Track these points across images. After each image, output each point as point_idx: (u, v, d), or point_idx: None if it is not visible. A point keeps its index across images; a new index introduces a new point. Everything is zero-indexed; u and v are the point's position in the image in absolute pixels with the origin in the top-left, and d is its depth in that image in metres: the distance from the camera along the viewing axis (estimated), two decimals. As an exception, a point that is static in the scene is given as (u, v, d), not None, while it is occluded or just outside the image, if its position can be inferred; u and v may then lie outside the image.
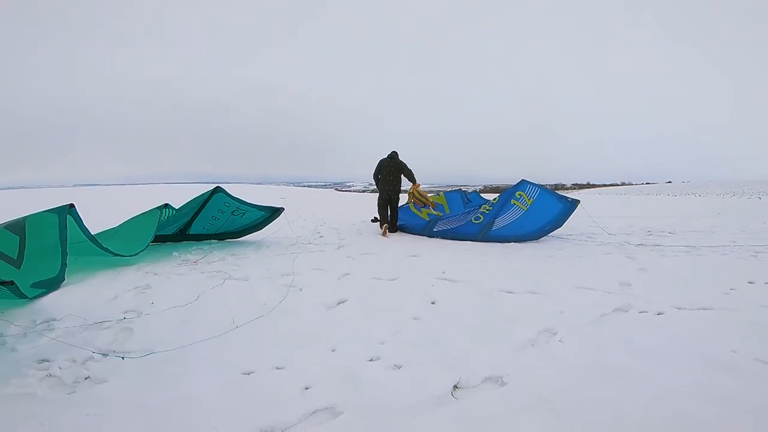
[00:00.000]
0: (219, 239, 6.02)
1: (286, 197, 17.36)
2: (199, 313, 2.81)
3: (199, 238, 5.97)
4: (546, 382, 1.80)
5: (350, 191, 41.78)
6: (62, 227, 3.61)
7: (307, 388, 1.76)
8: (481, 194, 8.30)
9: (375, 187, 6.98)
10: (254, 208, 5.59)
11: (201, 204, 5.27)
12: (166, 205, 4.76)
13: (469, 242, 5.74)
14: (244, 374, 1.91)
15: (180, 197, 8.81)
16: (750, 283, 3.57)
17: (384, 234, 6.46)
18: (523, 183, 6.15)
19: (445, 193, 7.80)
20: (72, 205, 3.92)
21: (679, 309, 2.85)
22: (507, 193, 6.09)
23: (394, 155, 6.80)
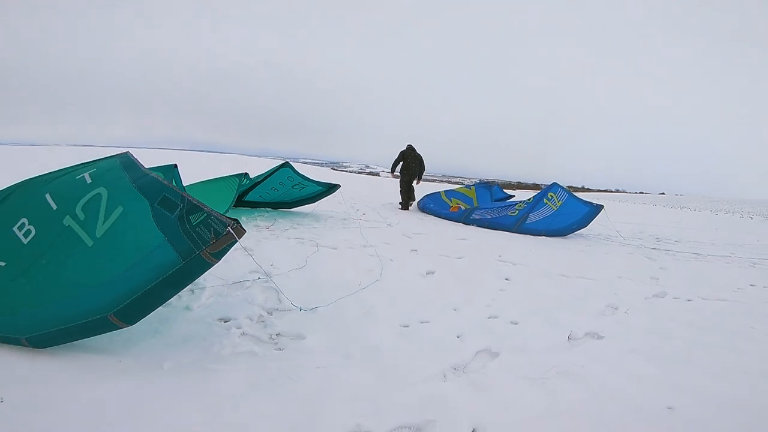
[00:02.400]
0: (272, 208, 6.65)
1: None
2: (318, 275, 3.45)
3: (254, 205, 6.60)
4: (630, 338, 2.60)
5: (346, 171, 42.10)
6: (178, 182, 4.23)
7: (458, 337, 2.45)
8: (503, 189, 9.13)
9: (373, 171, 7.95)
10: (313, 183, 6.23)
11: (266, 175, 5.88)
12: (246, 174, 5.36)
13: (504, 232, 6.54)
14: (403, 327, 2.55)
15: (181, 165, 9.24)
16: (752, 285, 4.48)
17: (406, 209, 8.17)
18: (554, 185, 7.09)
19: (476, 186, 8.58)
20: (176, 165, 4.51)
21: (703, 299, 3.71)
22: (540, 193, 7.02)
23: (413, 147, 8.35)
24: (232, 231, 1.76)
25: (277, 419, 1.58)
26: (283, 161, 5.90)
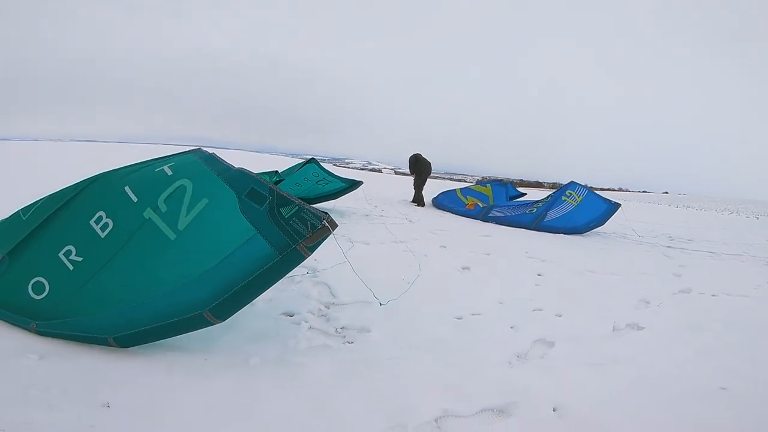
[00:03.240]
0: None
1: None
2: (362, 270, 3.61)
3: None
4: (667, 329, 2.80)
5: (348, 168, 42.18)
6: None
7: (512, 327, 2.64)
8: (517, 187, 9.33)
9: (375, 167, 8.27)
10: (337, 179, 6.40)
11: (293, 171, 6.05)
12: (276, 172, 5.51)
13: (523, 230, 6.73)
14: (457, 319, 2.72)
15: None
16: (768, 283, 4.69)
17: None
18: (572, 183, 7.29)
19: (492, 185, 8.76)
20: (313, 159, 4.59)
21: (727, 295, 3.92)
22: (558, 191, 7.21)
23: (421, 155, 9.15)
24: (327, 224, 1.76)
25: (371, 407, 1.70)
26: (310, 158, 6.07)
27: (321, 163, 6.13)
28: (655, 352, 2.39)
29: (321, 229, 1.76)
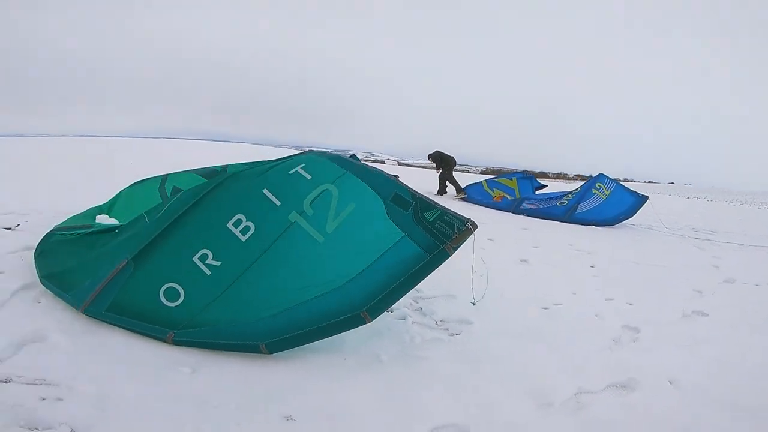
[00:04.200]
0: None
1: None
2: None
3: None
4: (728, 315, 3.10)
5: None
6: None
7: (596, 315, 2.92)
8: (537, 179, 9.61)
9: (378, 159, 8.66)
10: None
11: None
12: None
13: (555, 222, 7.01)
14: (543, 308, 2.98)
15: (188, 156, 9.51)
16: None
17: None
18: (601, 176, 7.56)
19: (517, 178, 9.00)
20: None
21: (768, 284, 4.22)
22: (587, 184, 7.49)
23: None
24: (470, 226, 1.91)
25: (512, 389, 1.90)
26: (334, 152, 6.29)
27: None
28: (727, 335, 2.71)
29: (465, 231, 1.91)
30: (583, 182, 7.73)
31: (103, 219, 3.23)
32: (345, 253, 1.99)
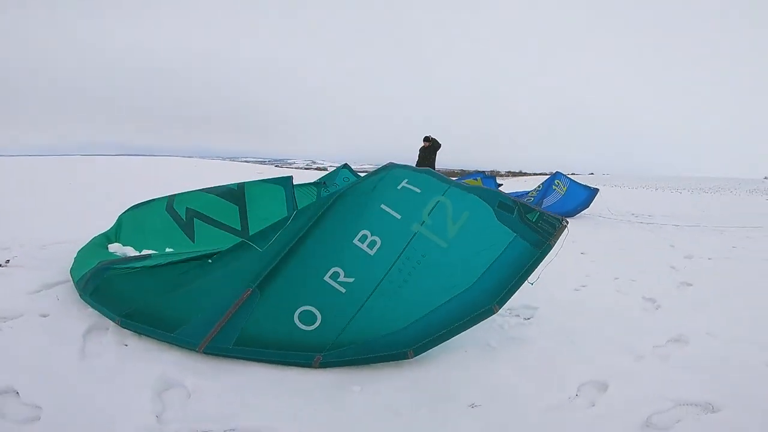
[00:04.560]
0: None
1: (261, 173, 17.69)
2: None
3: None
4: (710, 283, 3.66)
5: (292, 168, 41.52)
6: (290, 199, 4.41)
7: (617, 291, 3.35)
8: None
9: (320, 166, 8.75)
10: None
11: (332, 177, 6.35)
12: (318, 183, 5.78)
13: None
14: (576, 290, 3.34)
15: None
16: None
17: None
18: (558, 174, 8.41)
19: (482, 178, 9.66)
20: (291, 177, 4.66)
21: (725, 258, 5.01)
22: (547, 181, 8.35)
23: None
24: (565, 224, 2.08)
25: (611, 350, 2.24)
26: (344, 163, 6.41)
27: (248, 169, 6.41)
28: (720, 299, 3.15)
29: (561, 228, 2.08)
30: (544, 180, 8.53)
31: (116, 248, 3.04)
32: (468, 254, 2.14)
